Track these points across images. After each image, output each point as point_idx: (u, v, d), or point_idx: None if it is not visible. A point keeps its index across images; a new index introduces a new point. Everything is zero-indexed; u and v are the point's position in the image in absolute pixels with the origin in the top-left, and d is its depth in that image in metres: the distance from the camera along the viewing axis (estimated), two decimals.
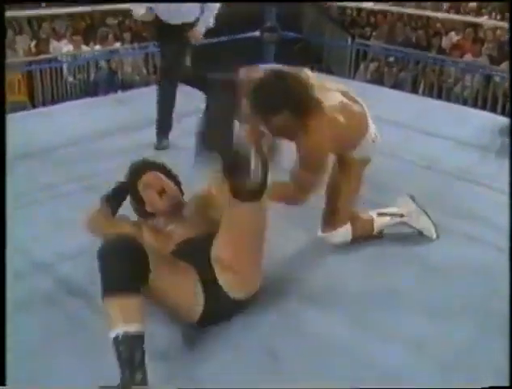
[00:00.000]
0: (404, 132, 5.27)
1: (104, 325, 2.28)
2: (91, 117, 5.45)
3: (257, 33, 7.33)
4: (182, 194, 3.14)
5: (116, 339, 2.18)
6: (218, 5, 4.75)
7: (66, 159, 4.53)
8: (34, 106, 7.55)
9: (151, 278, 2.32)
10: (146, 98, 5.93)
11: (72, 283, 3.06)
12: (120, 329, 2.18)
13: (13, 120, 5.57)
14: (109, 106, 5.86)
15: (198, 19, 4.67)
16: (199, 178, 3.02)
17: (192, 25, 4.67)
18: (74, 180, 4.17)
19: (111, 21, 9.89)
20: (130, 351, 2.16)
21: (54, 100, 7.69)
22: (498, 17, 11.75)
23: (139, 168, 3.11)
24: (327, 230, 3.35)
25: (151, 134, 4.84)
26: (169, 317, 2.66)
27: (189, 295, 2.53)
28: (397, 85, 8.68)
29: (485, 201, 4.03)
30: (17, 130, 4.99)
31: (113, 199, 3.14)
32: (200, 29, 4.72)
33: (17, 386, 2.30)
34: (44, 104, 7.51)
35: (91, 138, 4.92)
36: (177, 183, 3.15)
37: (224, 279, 2.58)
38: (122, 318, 2.20)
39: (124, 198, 3.17)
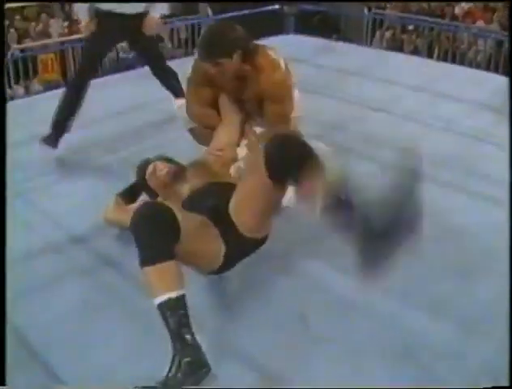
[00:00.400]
0: (422, 95, 5.12)
1: (141, 295, 2.21)
2: (124, 92, 5.34)
3: (277, 6, 7.15)
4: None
5: (161, 305, 2.08)
6: None
7: (104, 133, 4.43)
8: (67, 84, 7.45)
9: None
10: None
11: (109, 255, 3.00)
12: (164, 295, 2.08)
13: (50, 97, 5.56)
14: (139, 80, 5.73)
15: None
16: None
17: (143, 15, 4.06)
18: (112, 153, 4.09)
19: None
20: (177, 316, 2.06)
21: None
22: None
23: (143, 166, 3.08)
24: None
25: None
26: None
27: (211, 245, 2.43)
28: (414, 51, 8.49)
29: (499, 161, 3.88)
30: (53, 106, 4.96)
31: (128, 195, 3.12)
32: (154, 18, 4.14)
33: (18, 387, 2.21)
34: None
35: (124, 113, 4.81)
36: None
37: (240, 222, 2.48)
38: (165, 284, 2.09)
39: (138, 195, 3.14)
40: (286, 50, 5.75)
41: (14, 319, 2.37)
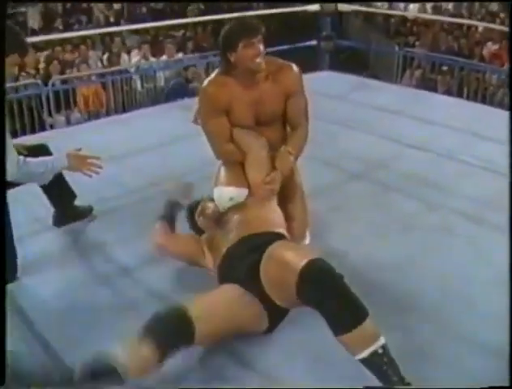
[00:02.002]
0: (459, 135, 5.02)
1: None
2: (164, 123, 5.31)
3: (313, 42, 7.13)
4: None
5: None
6: None
7: (145, 164, 4.39)
8: (108, 114, 7.47)
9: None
10: None
11: (154, 287, 2.95)
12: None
13: (92, 127, 5.57)
14: (179, 112, 5.71)
15: None
16: None
17: None
18: (154, 184, 4.03)
19: (175, 32, 9.80)
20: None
21: (125, 109, 7.62)
22: None
23: (192, 207, 3.06)
24: None
25: None
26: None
27: (252, 318, 2.44)
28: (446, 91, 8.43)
29: None
30: (97, 136, 4.94)
31: (169, 219, 3.06)
32: None
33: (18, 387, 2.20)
34: (116, 112, 7.44)
35: (165, 144, 4.77)
36: None
37: (271, 292, 2.41)
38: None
39: (176, 214, 3.09)
40: (324, 87, 5.74)
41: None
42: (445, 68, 8.78)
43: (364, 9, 9.08)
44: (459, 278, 3.00)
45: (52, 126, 7.06)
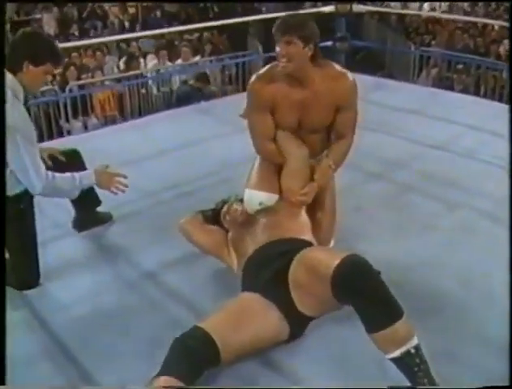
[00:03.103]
0: (479, 134, 4.98)
1: None
2: (181, 127, 5.32)
3: (329, 43, 7.09)
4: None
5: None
6: None
7: (160, 168, 4.40)
8: (124, 118, 7.49)
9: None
10: (226, 107, 5.88)
11: (175, 290, 2.96)
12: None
13: (109, 133, 5.57)
14: (195, 116, 5.71)
15: None
16: None
17: None
18: (170, 188, 4.05)
19: (189, 36, 9.81)
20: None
21: (141, 113, 7.64)
22: None
23: (219, 206, 3.08)
24: None
25: (235, 140, 4.65)
26: None
27: (273, 332, 2.42)
28: (462, 90, 8.35)
29: None
30: (113, 141, 4.95)
31: (210, 216, 3.06)
32: None
33: (17, 387, 2.21)
34: (132, 116, 7.45)
35: (181, 148, 4.77)
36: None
37: (298, 299, 2.40)
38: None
39: (218, 220, 3.05)
40: None
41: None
42: (460, 66, 8.70)
43: (378, 9, 9.03)
44: (482, 277, 2.99)
45: (69, 132, 7.08)
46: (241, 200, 3.02)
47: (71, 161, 3.18)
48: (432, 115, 5.43)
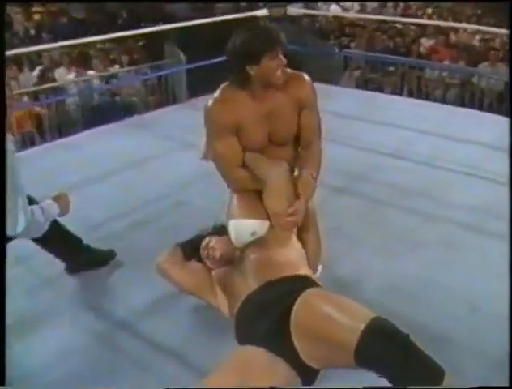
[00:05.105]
0: (430, 138, 4.90)
1: None
2: (118, 145, 4.93)
3: None
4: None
5: None
6: None
7: (104, 192, 4.02)
8: (42, 135, 6.95)
9: None
10: (160, 121, 5.64)
11: (156, 341, 2.63)
12: None
13: (36, 153, 5.07)
14: (130, 132, 5.33)
15: None
16: None
17: None
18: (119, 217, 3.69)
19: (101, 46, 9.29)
20: None
21: (61, 129, 7.11)
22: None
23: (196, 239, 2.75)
24: None
25: (179, 157, 4.49)
26: None
27: (285, 384, 2.08)
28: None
29: None
30: (44, 163, 4.52)
31: (188, 250, 2.71)
32: None
33: (17, 387, 2.10)
34: (51, 132, 6.94)
35: (124, 168, 4.41)
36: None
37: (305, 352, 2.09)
38: None
39: (197, 252, 2.71)
40: None
41: None
42: (391, 68, 8.73)
43: (314, 12, 8.88)
44: (484, 296, 2.84)
45: None
46: (218, 233, 2.72)
47: None
48: (377, 120, 5.31)
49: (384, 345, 1.84)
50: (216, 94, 2.60)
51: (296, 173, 2.73)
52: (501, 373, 2.06)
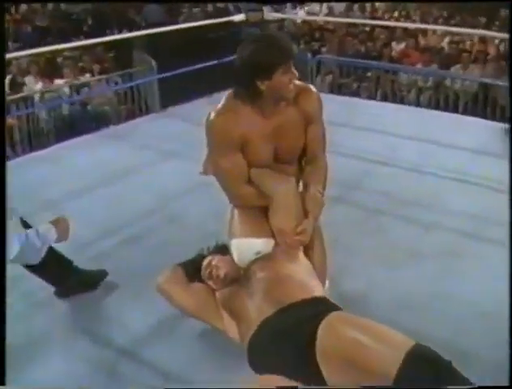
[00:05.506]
0: (414, 144, 4.84)
1: None
2: (97, 157, 4.76)
3: None
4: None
5: None
6: None
7: (89, 207, 3.84)
8: (12, 148, 6.70)
9: None
10: (136, 131, 5.48)
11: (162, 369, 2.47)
12: None
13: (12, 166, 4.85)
14: (108, 143, 5.15)
15: None
16: None
17: None
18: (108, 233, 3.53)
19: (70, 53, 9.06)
20: None
21: (31, 140, 6.88)
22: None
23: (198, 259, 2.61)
24: None
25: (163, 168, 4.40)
26: None
27: None
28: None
29: None
30: (22, 176, 4.32)
31: (190, 271, 2.57)
32: None
33: (17, 387, 2.05)
34: (21, 145, 6.71)
35: (107, 181, 4.23)
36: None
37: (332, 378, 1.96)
38: None
39: (199, 272, 2.56)
40: None
41: None
42: (369, 74, 8.71)
43: (290, 16, 8.81)
44: (494, 303, 2.74)
45: None
46: (220, 252, 2.58)
47: None
48: (359, 126, 5.25)
49: (427, 373, 1.74)
50: (220, 106, 2.46)
51: (300, 187, 2.63)
52: None
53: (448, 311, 2.75)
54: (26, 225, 2.38)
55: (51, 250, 2.63)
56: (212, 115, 2.44)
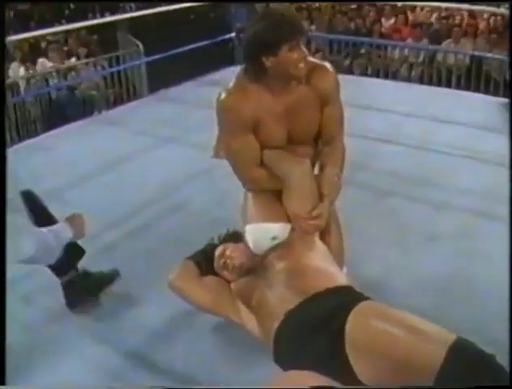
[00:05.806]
0: (416, 121, 4.77)
1: None
2: (93, 144, 4.61)
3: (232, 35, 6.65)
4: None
5: None
6: None
7: (88, 197, 3.67)
8: None
9: None
10: (131, 115, 5.35)
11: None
12: None
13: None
14: (103, 129, 5.01)
15: None
16: None
17: None
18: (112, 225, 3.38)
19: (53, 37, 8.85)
20: None
21: (18, 127, 6.68)
22: None
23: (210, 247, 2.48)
24: None
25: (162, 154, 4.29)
26: None
27: None
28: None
29: None
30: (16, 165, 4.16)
31: (202, 263, 2.44)
32: None
33: (16, 387, 2.01)
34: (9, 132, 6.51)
35: (105, 168, 4.11)
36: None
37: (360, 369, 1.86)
38: None
39: (212, 263, 2.44)
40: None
41: None
42: (362, 51, 8.59)
43: None
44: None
45: None
46: (232, 239, 2.46)
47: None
48: (358, 104, 5.09)
49: (471, 368, 1.65)
50: (230, 86, 2.38)
51: (316, 169, 2.53)
52: None
53: (470, 294, 2.66)
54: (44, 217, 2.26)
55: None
56: (223, 95, 2.36)
